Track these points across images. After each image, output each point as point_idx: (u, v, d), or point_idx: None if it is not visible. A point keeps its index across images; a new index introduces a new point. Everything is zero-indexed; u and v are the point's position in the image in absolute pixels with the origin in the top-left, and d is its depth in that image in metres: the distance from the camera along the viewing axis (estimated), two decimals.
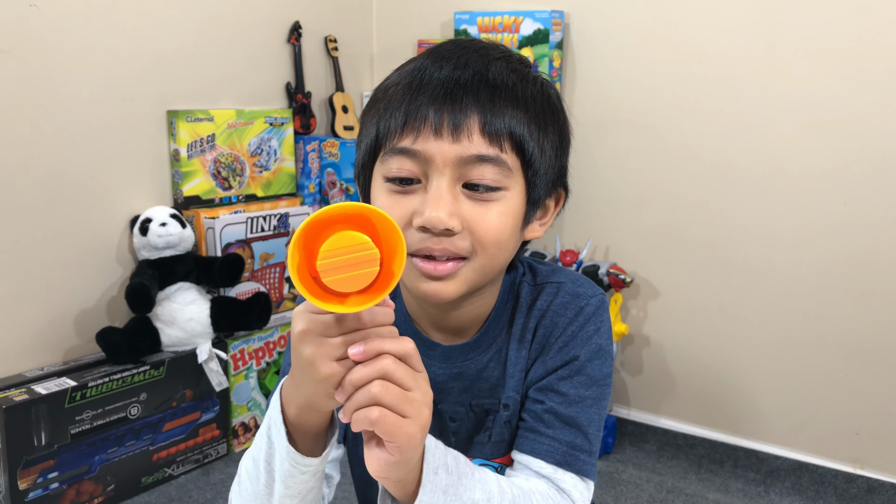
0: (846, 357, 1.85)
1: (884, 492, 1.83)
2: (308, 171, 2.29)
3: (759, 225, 1.91)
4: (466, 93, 0.70)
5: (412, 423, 0.58)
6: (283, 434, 0.66)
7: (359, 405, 0.57)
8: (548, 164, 0.75)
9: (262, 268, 2.07)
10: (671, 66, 1.98)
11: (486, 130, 0.70)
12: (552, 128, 0.76)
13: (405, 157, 0.70)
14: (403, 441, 0.58)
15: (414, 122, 0.70)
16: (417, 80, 0.72)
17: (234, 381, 2.02)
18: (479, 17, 2.17)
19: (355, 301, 0.55)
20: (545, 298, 0.82)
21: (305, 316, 0.59)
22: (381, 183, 0.73)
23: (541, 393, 0.79)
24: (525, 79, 0.74)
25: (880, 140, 1.75)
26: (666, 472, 1.99)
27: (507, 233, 0.73)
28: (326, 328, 0.58)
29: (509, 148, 0.71)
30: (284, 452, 0.67)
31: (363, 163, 0.77)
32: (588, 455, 0.77)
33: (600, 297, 0.82)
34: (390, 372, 0.57)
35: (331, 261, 0.53)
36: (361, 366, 0.57)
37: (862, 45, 1.74)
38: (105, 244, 1.88)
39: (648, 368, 2.14)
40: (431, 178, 0.70)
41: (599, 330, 0.80)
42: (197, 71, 2.03)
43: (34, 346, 1.77)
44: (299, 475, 0.68)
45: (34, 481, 1.62)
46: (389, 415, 0.57)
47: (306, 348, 0.58)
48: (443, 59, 0.73)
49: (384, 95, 0.74)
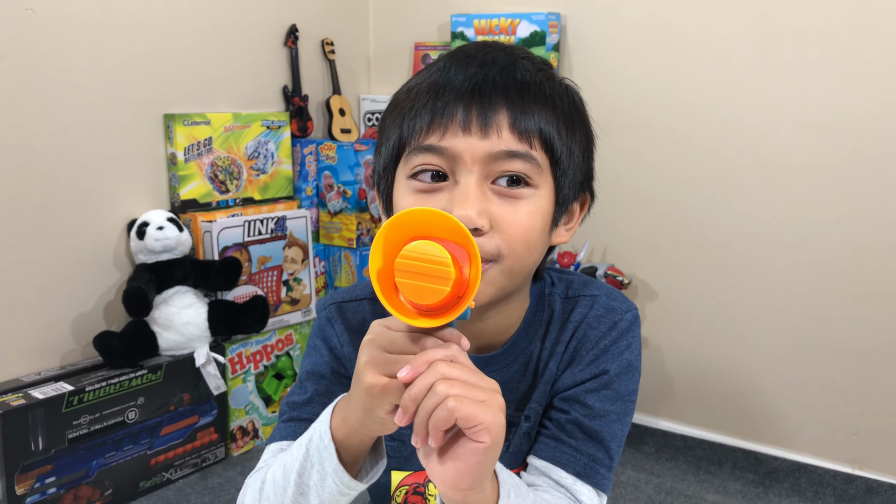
0: (844, 358, 1.85)
1: (882, 492, 1.83)
2: (305, 174, 2.29)
3: (757, 226, 1.91)
4: (495, 89, 0.68)
5: (490, 405, 0.56)
6: (332, 453, 0.65)
7: (429, 410, 0.55)
8: (576, 164, 0.73)
9: (260, 271, 2.07)
10: (668, 68, 1.98)
11: (515, 127, 0.68)
12: (579, 128, 0.74)
13: (431, 154, 0.68)
14: (489, 420, 0.56)
15: (441, 119, 0.68)
16: (443, 79, 0.70)
17: (232, 384, 2.01)
18: (475, 19, 2.17)
19: (424, 321, 0.56)
20: (580, 311, 0.80)
21: (379, 327, 0.60)
22: (404, 183, 0.71)
23: (566, 403, 0.78)
24: (551, 78, 0.73)
25: (877, 141, 1.75)
26: (665, 474, 1.99)
27: (536, 233, 0.70)
28: (391, 343, 0.58)
29: (539, 146, 0.69)
30: (332, 471, 0.65)
31: (385, 166, 0.74)
32: (607, 470, 0.77)
33: (634, 313, 0.81)
34: (447, 373, 0.56)
35: (409, 262, 0.54)
36: (417, 379, 0.56)
37: (859, 47, 1.74)
38: (102, 248, 1.88)
39: (647, 370, 2.14)
40: (459, 175, 0.68)
41: (631, 346, 0.80)
42: (194, 74, 2.03)
43: (31, 351, 1.77)
44: (339, 496, 0.67)
45: (31, 486, 1.61)
46: (465, 399, 0.55)
47: (363, 356, 0.59)
48: (468, 58, 0.71)
49: (407, 97, 0.72)
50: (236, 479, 1.91)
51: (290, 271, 2.15)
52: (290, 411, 0.81)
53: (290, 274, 2.15)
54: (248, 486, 0.75)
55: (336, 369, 0.82)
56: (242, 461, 2.01)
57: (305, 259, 2.19)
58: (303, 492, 0.68)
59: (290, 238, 2.13)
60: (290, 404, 0.82)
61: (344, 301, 0.85)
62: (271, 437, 0.81)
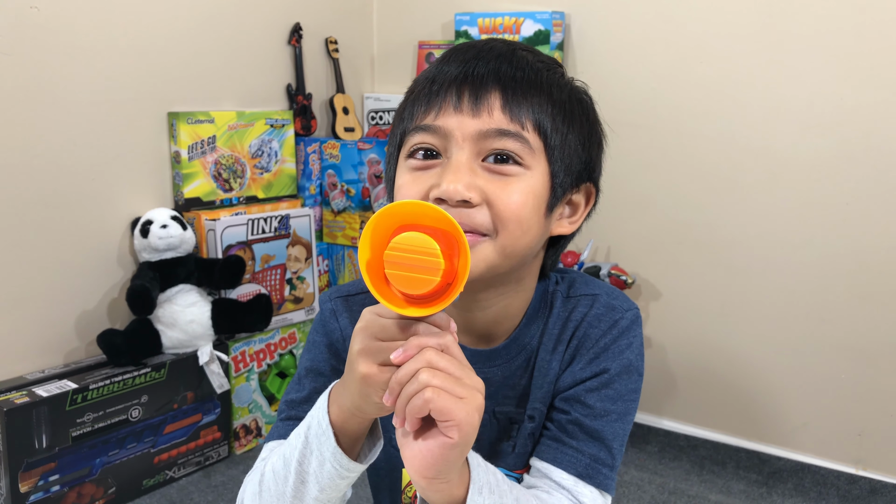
0: (848, 358, 1.84)
1: (886, 493, 1.83)
2: (309, 173, 2.29)
3: (761, 225, 1.91)
4: (489, 72, 0.71)
5: (467, 403, 0.57)
6: (330, 437, 0.66)
7: (409, 396, 0.57)
8: (571, 151, 0.74)
9: (263, 269, 2.07)
10: (672, 67, 1.97)
11: (507, 108, 0.70)
12: (579, 118, 0.75)
13: (426, 133, 0.71)
14: (461, 417, 0.57)
15: (435, 100, 0.71)
16: (442, 69, 0.73)
17: (236, 383, 2.01)
18: (479, 18, 2.17)
19: (414, 309, 0.57)
20: (581, 310, 0.81)
21: (370, 315, 0.61)
22: (402, 163, 0.74)
23: (566, 403, 0.78)
24: (551, 70, 0.74)
25: (882, 140, 1.74)
26: (668, 474, 1.99)
27: (528, 211, 0.70)
28: (382, 330, 0.59)
29: (531, 128, 0.70)
30: (330, 455, 0.66)
31: (390, 154, 0.77)
32: (610, 470, 0.76)
33: (635, 312, 0.81)
34: (434, 362, 0.57)
35: (398, 254, 0.55)
36: (405, 364, 0.57)
37: (864, 45, 1.74)
38: (106, 246, 1.88)
39: (650, 370, 2.13)
40: (451, 152, 0.70)
41: (632, 345, 0.80)
42: (197, 73, 2.03)
43: (35, 349, 1.77)
44: (339, 479, 0.67)
45: (35, 484, 1.61)
46: (443, 393, 0.56)
47: (355, 344, 0.60)
48: (469, 47, 0.74)
49: (414, 86, 0.76)
50: (239, 478, 1.92)
51: (294, 270, 2.15)
52: (288, 410, 0.82)
53: (294, 272, 2.15)
54: (248, 483, 0.75)
55: (336, 366, 0.82)
56: (245, 459, 2.01)
57: (309, 257, 2.19)
58: (303, 479, 0.68)
59: (293, 236, 2.13)
60: (288, 402, 0.82)
61: (350, 294, 0.85)
62: (269, 436, 0.81)
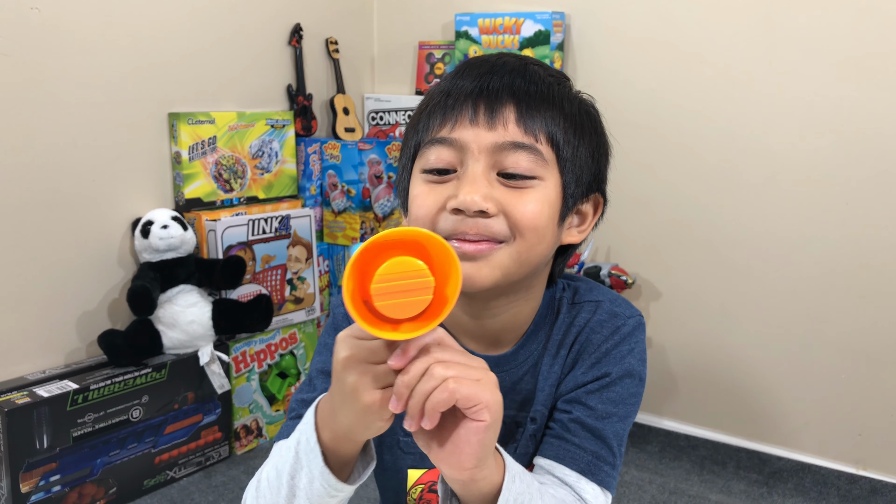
0: (848, 358, 1.85)
1: (886, 493, 1.83)
2: (309, 173, 2.29)
3: (761, 226, 1.91)
4: (503, 86, 0.72)
5: (486, 383, 0.58)
6: (318, 456, 0.65)
7: (425, 394, 0.56)
8: (582, 163, 0.76)
9: (264, 270, 2.07)
10: (672, 67, 1.97)
11: (521, 121, 0.71)
12: (588, 133, 0.77)
13: (442, 146, 0.72)
14: (487, 397, 0.57)
15: (451, 114, 0.72)
16: (457, 84, 0.74)
17: (236, 383, 2.01)
18: (479, 18, 2.17)
19: (407, 328, 0.55)
20: (584, 316, 0.82)
21: (350, 342, 0.58)
22: (418, 175, 0.75)
23: (568, 404, 0.79)
24: (561, 83, 0.76)
25: (882, 140, 1.74)
26: (668, 474, 1.99)
27: (545, 220, 0.72)
28: (372, 354, 0.57)
29: (544, 140, 0.72)
30: (318, 474, 0.65)
31: (404, 165, 0.78)
32: (611, 468, 0.77)
33: (638, 319, 0.82)
34: (440, 356, 0.57)
35: (385, 285, 0.53)
36: (409, 366, 0.56)
37: (864, 46, 1.74)
38: (106, 247, 1.88)
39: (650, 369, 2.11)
40: (467, 164, 0.71)
41: (633, 351, 0.81)
42: (198, 73, 2.03)
43: (36, 349, 1.77)
44: (328, 497, 0.67)
45: (36, 484, 1.61)
46: (463, 380, 0.56)
47: (350, 375, 0.58)
48: (482, 62, 0.76)
49: (429, 100, 0.77)
50: (240, 478, 1.92)
51: (294, 270, 2.15)
52: (298, 408, 0.81)
53: (294, 273, 2.16)
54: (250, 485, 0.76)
55: None
56: (246, 460, 2.01)
57: (309, 258, 2.20)
58: (294, 493, 0.68)
59: (294, 237, 2.13)
60: (298, 401, 0.82)
61: None
62: (279, 435, 0.81)
